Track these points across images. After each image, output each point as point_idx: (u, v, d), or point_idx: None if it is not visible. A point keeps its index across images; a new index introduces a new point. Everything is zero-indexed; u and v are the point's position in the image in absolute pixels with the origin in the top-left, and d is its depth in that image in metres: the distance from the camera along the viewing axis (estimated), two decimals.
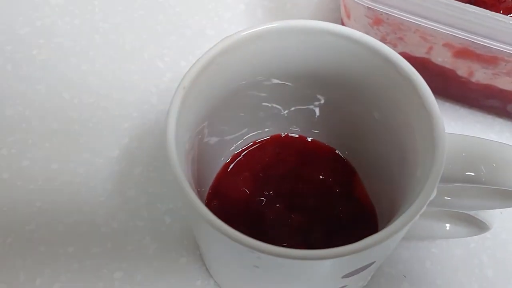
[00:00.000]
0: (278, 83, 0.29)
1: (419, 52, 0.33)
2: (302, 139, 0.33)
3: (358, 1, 0.30)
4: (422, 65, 0.33)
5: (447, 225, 0.31)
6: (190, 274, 0.32)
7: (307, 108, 0.31)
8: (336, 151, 0.33)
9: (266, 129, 0.33)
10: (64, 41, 0.39)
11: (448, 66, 0.33)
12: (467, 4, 0.29)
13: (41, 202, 0.34)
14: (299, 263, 0.21)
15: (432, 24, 0.29)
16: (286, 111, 0.32)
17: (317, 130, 0.33)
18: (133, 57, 0.39)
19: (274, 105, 0.31)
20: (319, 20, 0.26)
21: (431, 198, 0.23)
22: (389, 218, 0.26)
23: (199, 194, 0.30)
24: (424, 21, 0.29)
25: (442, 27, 0.29)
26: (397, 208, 0.26)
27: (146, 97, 0.37)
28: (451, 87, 0.35)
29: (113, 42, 0.40)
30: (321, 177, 0.32)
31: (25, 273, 0.32)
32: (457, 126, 0.36)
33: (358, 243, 0.22)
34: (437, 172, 0.23)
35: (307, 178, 0.32)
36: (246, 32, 0.26)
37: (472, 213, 0.29)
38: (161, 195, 0.34)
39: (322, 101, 0.31)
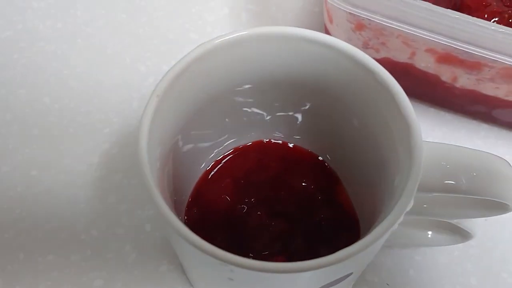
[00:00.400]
0: (258, 89, 0.29)
1: (402, 57, 0.32)
2: (284, 145, 0.33)
3: (339, 7, 0.29)
4: (405, 70, 0.33)
5: (429, 233, 0.31)
6: (170, 283, 0.31)
7: (289, 114, 0.31)
8: (319, 158, 0.32)
9: (248, 135, 0.32)
10: (45, 45, 0.39)
11: (431, 71, 0.32)
12: (448, 10, 0.28)
13: (20, 209, 0.33)
14: (272, 276, 0.21)
15: (414, 29, 0.29)
16: (268, 117, 0.31)
17: (299, 136, 0.32)
18: (115, 61, 0.39)
19: (256, 110, 0.31)
20: (303, 24, 0.26)
21: (407, 209, 0.22)
22: (371, 224, 0.26)
23: (178, 202, 0.30)
24: (405, 26, 0.29)
25: (424, 32, 0.29)
26: (378, 214, 0.26)
27: (128, 102, 0.37)
28: (435, 93, 0.34)
29: (95, 46, 0.39)
30: (303, 184, 0.31)
31: (4, 281, 0.31)
32: (442, 131, 0.36)
33: (331, 256, 0.21)
34: (413, 182, 0.22)
35: (289, 184, 0.31)
36: (222, 39, 0.25)
37: (454, 221, 0.28)
38: (141, 202, 0.34)
39: (304, 107, 0.30)
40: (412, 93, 0.24)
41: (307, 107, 0.30)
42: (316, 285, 0.23)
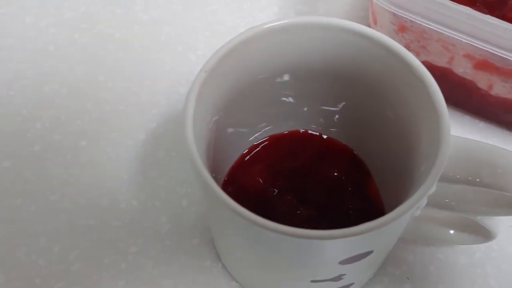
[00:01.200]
0: (297, 78, 0.30)
1: (441, 61, 0.34)
2: (319, 136, 0.34)
3: (384, 7, 0.31)
4: (443, 75, 0.34)
5: (451, 231, 0.32)
6: (200, 255, 0.33)
7: (326, 107, 0.32)
8: (354, 152, 0.33)
9: (285, 124, 0.34)
10: (104, 28, 0.42)
11: (468, 77, 0.34)
12: (487, 15, 0.29)
13: (67, 175, 0.36)
14: (295, 241, 0.22)
15: (453, 33, 0.30)
16: (305, 109, 0.33)
17: (335, 129, 0.34)
18: (168, 49, 0.41)
19: (293, 101, 0.32)
20: None
21: (430, 192, 0.24)
22: None
23: (215, 180, 0.32)
24: (446, 29, 0.30)
25: (463, 36, 0.30)
26: None
27: (176, 87, 0.39)
28: (471, 100, 0.35)
29: (150, 33, 0.42)
30: (335, 174, 0.33)
31: (46, 239, 0.34)
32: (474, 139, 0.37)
33: (353, 228, 0.23)
34: (438, 167, 0.24)
35: (320, 173, 0.33)
36: (270, 25, 0.27)
37: (478, 219, 0.29)
38: (180, 179, 0.36)
39: (341, 101, 0.32)
40: (448, 99, 0.25)
41: (343, 100, 0.32)
42: (337, 257, 0.25)
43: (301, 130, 0.34)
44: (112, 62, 0.40)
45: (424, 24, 0.31)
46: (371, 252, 0.25)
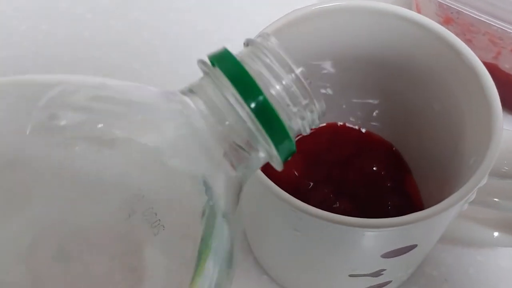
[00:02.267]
0: (339, 67, 0.29)
1: (487, 56, 0.33)
2: (357, 130, 0.33)
3: None
4: (489, 70, 0.33)
5: (496, 233, 0.30)
6: None
7: (367, 99, 0.32)
8: (392, 146, 0.32)
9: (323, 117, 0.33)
10: (140, 15, 0.41)
11: None
12: None
13: None
14: (337, 228, 0.22)
15: (503, 24, 0.29)
16: (344, 101, 0.32)
17: (374, 123, 0.33)
18: (203, 38, 0.40)
19: (332, 93, 0.31)
20: None
21: (480, 185, 0.23)
22: None
23: None
24: (495, 20, 0.29)
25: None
26: None
27: None
28: None
29: (186, 22, 0.41)
30: (374, 169, 0.32)
31: None
32: None
33: (400, 218, 0.22)
34: (489, 160, 0.23)
35: (359, 168, 0.32)
36: (316, 7, 0.26)
37: None
38: None
39: (383, 92, 0.31)
40: None
41: (385, 92, 0.31)
42: (380, 249, 0.24)
43: (339, 123, 0.33)
44: (147, 50, 0.40)
45: (472, 15, 0.30)
46: (415, 246, 0.24)
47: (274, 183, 0.31)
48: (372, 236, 0.23)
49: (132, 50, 0.40)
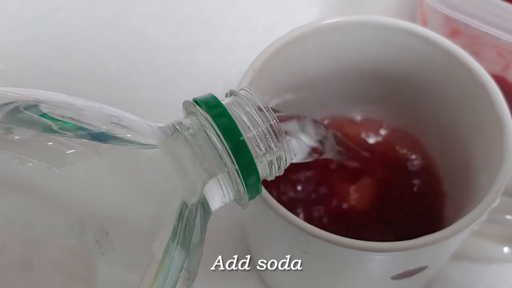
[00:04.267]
0: (347, 81, 0.29)
1: (494, 69, 0.32)
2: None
3: (437, 7, 0.29)
4: (496, 83, 0.33)
5: (506, 248, 0.30)
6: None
7: (372, 116, 0.31)
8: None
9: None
10: (138, 26, 0.40)
11: None
12: None
13: None
14: (347, 252, 0.21)
15: (510, 37, 0.29)
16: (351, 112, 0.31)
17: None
18: (204, 48, 0.40)
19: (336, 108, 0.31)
20: None
21: (493, 206, 0.22)
22: None
23: None
24: (504, 34, 0.29)
25: None
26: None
27: (213, 87, 0.38)
28: None
29: (186, 32, 0.40)
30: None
31: None
32: None
33: (409, 241, 0.21)
34: (502, 179, 0.22)
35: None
36: (324, 22, 0.26)
37: None
38: None
39: (389, 108, 0.30)
40: None
41: (392, 106, 0.30)
42: (390, 272, 0.23)
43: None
44: (147, 61, 0.39)
45: (480, 28, 0.29)
46: (425, 267, 0.24)
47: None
48: (383, 259, 0.22)
49: (131, 62, 0.39)
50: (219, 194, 0.20)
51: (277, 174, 0.21)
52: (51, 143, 0.18)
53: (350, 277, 0.24)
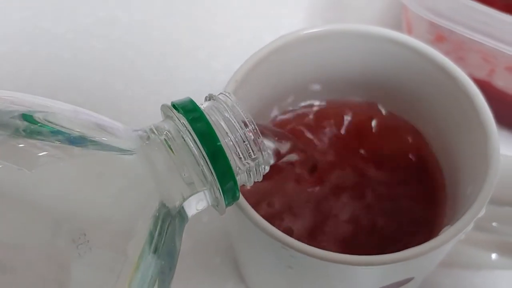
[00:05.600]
0: (329, 90, 0.28)
1: (480, 74, 0.32)
2: None
3: (422, 15, 0.29)
4: (482, 88, 0.32)
5: (493, 254, 0.30)
6: (222, 276, 0.31)
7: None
8: None
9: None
10: (122, 35, 0.40)
11: (509, 91, 0.32)
12: None
13: None
14: (332, 265, 0.21)
15: (496, 44, 0.28)
16: None
17: None
18: (190, 56, 0.39)
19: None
20: None
21: (478, 216, 0.22)
22: None
23: None
24: (489, 40, 0.28)
25: (506, 47, 0.28)
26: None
27: (199, 95, 0.37)
28: (510, 114, 0.33)
29: (171, 40, 0.40)
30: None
31: None
32: None
33: (396, 254, 0.21)
34: (487, 190, 0.22)
35: None
36: (305, 32, 0.25)
37: None
38: None
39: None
40: None
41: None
42: (377, 284, 0.23)
43: None
44: (131, 70, 0.39)
45: (464, 34, 0.29)
46: (412, 278, 0.24)
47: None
48: (369, 273, 0.22)
49: (115, 71, 0.39)
50: (196, 199, 0.20)
51: (256, 180, 0.20)
52: (22, 145, 0.18)
53: None
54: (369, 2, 0.41)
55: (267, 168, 0.21)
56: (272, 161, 0.23)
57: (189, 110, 0.19)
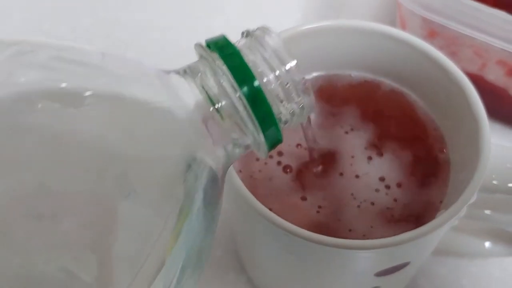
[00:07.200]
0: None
1: (472, 68, 0.33)
2: None
3: (415, 11, 0.30)
4: (474, 82, 0.33)
5: (487, 243, 0.31)
6: (223, 267, 0.32)
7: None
8: None
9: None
10: (122, 35, 0.41)
11: (500, 84, 0.33)
12: None
13: None
14: (330, 250, 0.21)
15: (488, 38, 0.29)
16: None
17: None
18: (188, 56, 0.40)
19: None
20: None
21: (470, 202, 0.23)
22: None
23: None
24: (480, 35, 0.29)
25: (498, 42, 0.29)
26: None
27: None
28: (502, 108, 0.34)
29: (169, 40, 0.41)
30: None
31: None
32: None
33: (392, 238, 0.22)
34: (478, 177, 0.23)
35: None
36: (302, 28, 0.26)
37: None
38: None
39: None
40: None
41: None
42: (374, 268, 0.24)
43: None
44: None
45: (456, 29, 0.30)
46: (408, 263, 0.24)
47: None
48: (365, 257, 0.23)
49: None
50: (236, 144, 0.19)
51: (300, 121, 0.19)
52: (65, 83, 0.17)
53: (335, 275, 0.24)
54: (364, 0, 0.42)
55: (311, 108, 0.19)
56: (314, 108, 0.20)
57: (223, 49, 0.18)
